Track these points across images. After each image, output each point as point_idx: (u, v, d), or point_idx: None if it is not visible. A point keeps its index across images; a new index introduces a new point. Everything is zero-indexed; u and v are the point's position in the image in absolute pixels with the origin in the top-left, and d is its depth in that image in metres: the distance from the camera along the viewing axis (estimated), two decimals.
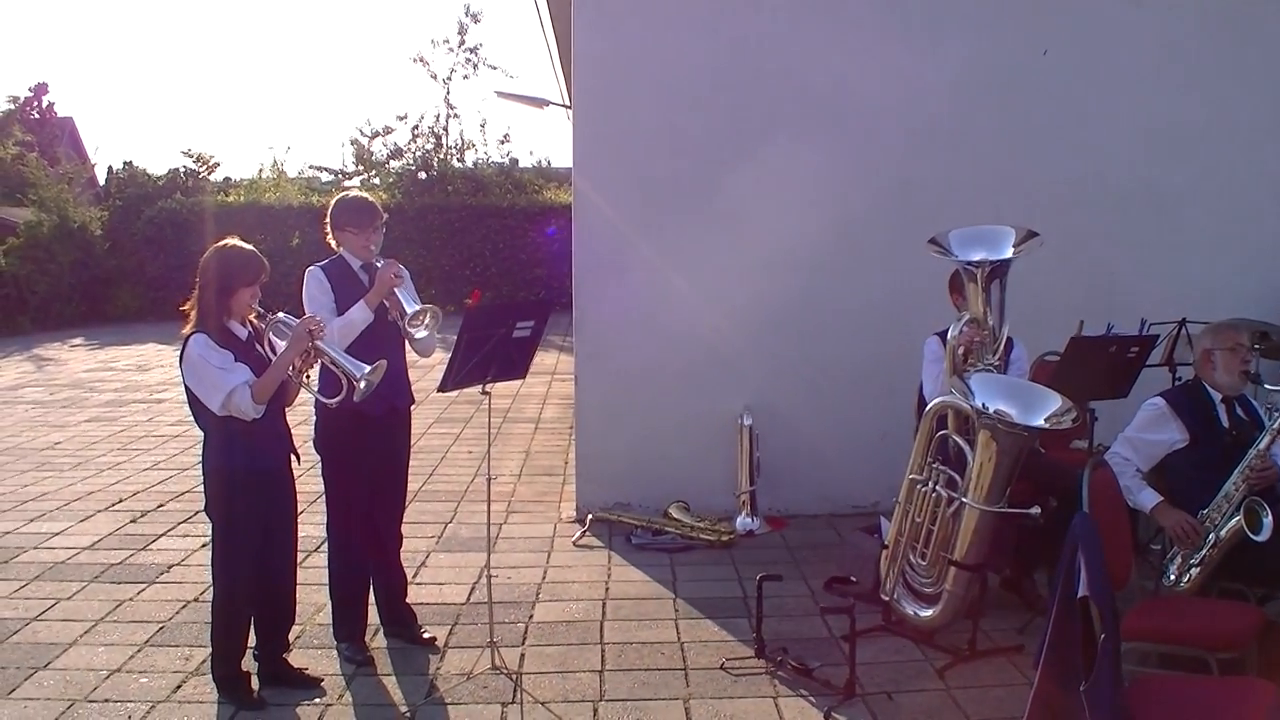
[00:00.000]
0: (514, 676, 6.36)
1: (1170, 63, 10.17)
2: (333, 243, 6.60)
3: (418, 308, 6.33)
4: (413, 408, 6.83)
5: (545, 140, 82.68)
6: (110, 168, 33.49)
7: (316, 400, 6.24)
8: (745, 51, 9.49)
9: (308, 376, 5.98)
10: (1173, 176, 10.20)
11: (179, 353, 5.89)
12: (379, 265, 6.43)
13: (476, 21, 33.01)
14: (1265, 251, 10.47)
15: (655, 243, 9.41)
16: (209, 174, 32.62)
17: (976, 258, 6.97)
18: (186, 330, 5.85)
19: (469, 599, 7.61)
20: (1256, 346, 8.37)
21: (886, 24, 9.64)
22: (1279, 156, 10.49)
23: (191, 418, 5.99)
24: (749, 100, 9.50)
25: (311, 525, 7.48)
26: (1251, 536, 5.86)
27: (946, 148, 9.73)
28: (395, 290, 6.35)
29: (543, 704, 6.02)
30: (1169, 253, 10.15)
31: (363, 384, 5.79)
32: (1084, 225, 9.86)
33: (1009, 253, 6.97)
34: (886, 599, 6.92)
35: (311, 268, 6.49)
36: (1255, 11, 10.37)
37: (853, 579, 7.65)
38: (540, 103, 21.85)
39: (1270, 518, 5.85)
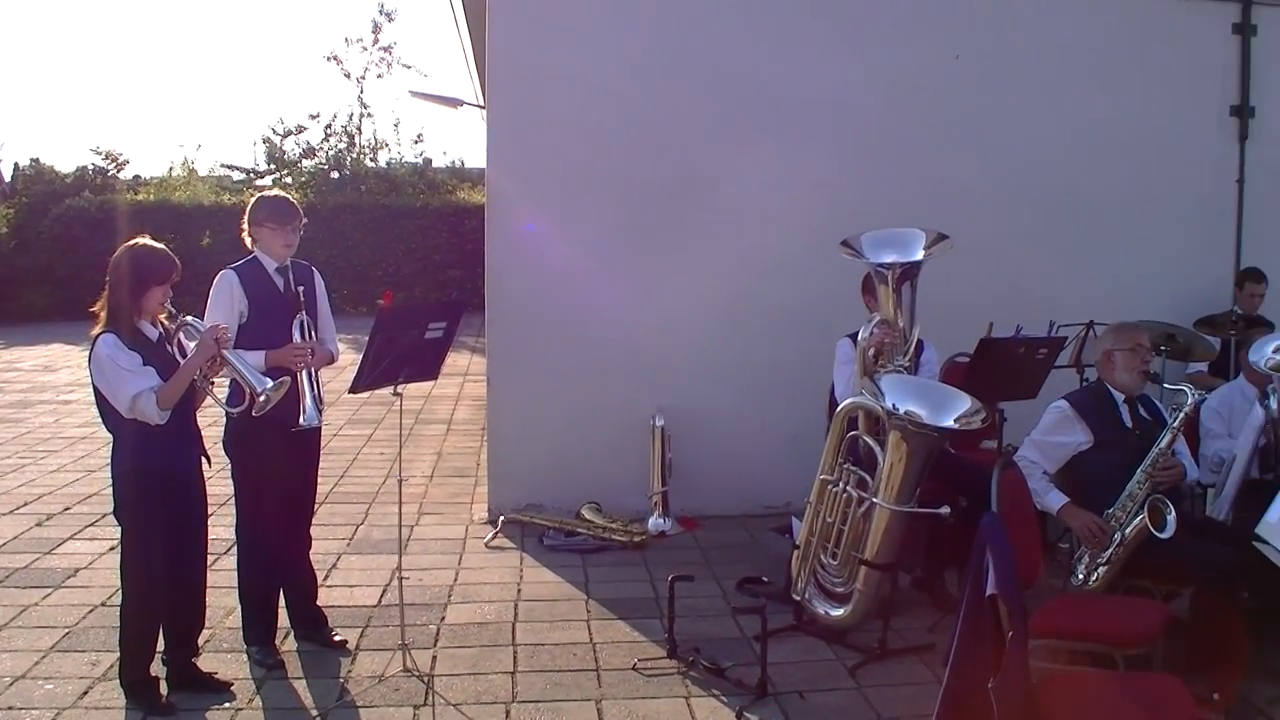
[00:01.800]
0: (426, 678, 6.34)
1: (1087, 68, 10.35)
2: (248, 241, 6.55)
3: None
4: (322, 412, 6.79)
5: (459, 140, 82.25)
6: (16, 164, 32.89)
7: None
8: (667, 54, 9.52)
9: (213, 383, 5.93)
10: (1086, 180, 10.37)
11: (88, 353, 5.82)
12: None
13: (391, 20, 32.85)
14: (1175, 254, 10.66)
15: (570, 243, 9.39)
16: (118, 172, 32.05)
17: (888, 260, 7.06)
18: (96, 330, 5.79)
19: (380, 601, 7.58)
20: (1163, 348, 8.54)
21: (810, 28, 9.71)
22: (1189, 160, 10.70)
23: (100, 419, 5.91)
24: (670, 103, 9.53)
25: (221, 528, 7.39)
26: (1156, 534, 5.96)
27: (864, 151, 9.83)
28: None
29: (455, 706, 6.01)
30: (1080, 255, 10.32)
31: (263, 398, 5.76)
32: (998, 228, 10.00)
33: (920, 255, 7.06)
34: (798, 599, 6.96)
35: (225, 270, 6.44)
36: (1169, 17, 10.59)
37: (765, 579, 7.68)
38: (454, 103, 21.73)
39: (1174, 515, 5.96)
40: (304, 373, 6.33)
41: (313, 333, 6.50)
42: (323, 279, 6.80)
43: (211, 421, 6.51)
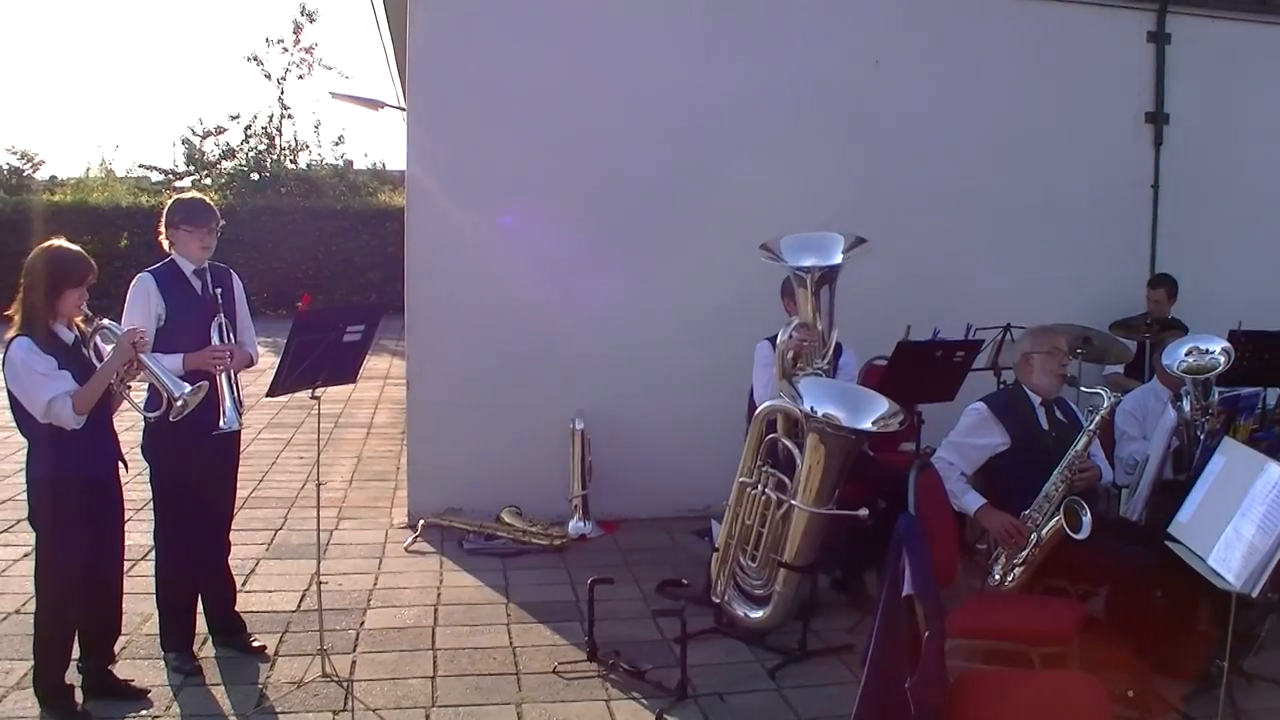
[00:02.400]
0: (345, 684, 6.29)
1: (1004, 73, 10.50)
2: (166, 244, 6.49)
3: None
4: (242, 415, 6.74)
5: (380, 142, 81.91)
6: None
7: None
8: (583, 57, 9.52)
9: (129, 388, 5.86)
10: (1004, 185, 10.50)
11: (1, 357, 5.74)
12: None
13: (312, 21, 32.55)
14: (1091, 258, 10.81)
15: (489, 246, 9.37)
16: (34, 172, 31.77)
17: (806, 263, 7.10)
18: (10, 334, 5.71)
19: (299, 606, 7.52)
20: (1079, 351, 8.61)
21: (728, 32, 9.76)
22: (1105, 166, 10.87)
23: (14, 424, 5.83)
24: (588, 106, 9.54)
25: (139, 534, 7.33)
26: (1072, 535, 6.02)
27: (782, 155, 9.86)
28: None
29: (374, 711, 5.97)
30: (998, 259, 10.45)
31: (180, 403, 5.71)
32: (914, 232, 10.10)
33: (838, 259, 7.11)
34: (718, 601, 6.97)
35: (142, 274, 6.38)
36: (1086, 24, 10.76)
37: (684, 581, 7.73)
38: (376, 104, 21.64)
39: (1089, 516, 6.02)
40: (223, 376, 6.28)
41: (231, 335, 6.45)
42: (242, 282, 6.75)
43: (129, 426, 6.46)
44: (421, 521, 9.22)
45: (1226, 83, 11.34)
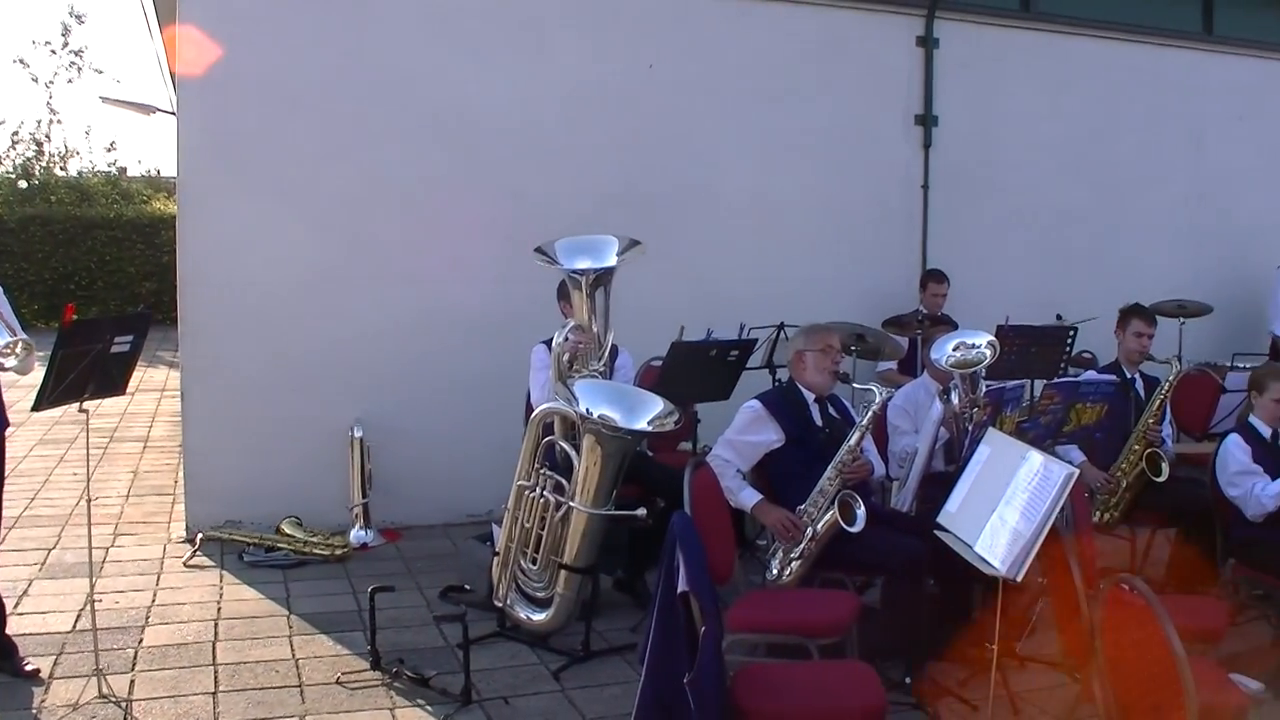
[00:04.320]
0: (123, 704, 6.12)
1: (776, 77, 10.65)
2: None
3: (7, 339, 6.02)
4: (9, 431, 6.55)
5: (154, 149, 79.91)
6: None
7: None
8: (358, 61, 9.40)
9: None
10: (776, 186, 10.67)
11: None
12: None
13: (81, 23, 31.74)
14: (864, 257, 11.05)
15: (264, 253, 9.20)
16: None
17: (581, 266, 7.12)
18: None
19: (74, 626, 7.27)
20: (853, 349, 8.79)
21: (498, 38, 9.73)
22: (877, 167, 11.13)
23: None
24: (361, 110, 9.41)
25: None
26: (846, 528, 6.15)
27: (557, 159, 9.89)
28: None
29: None
30: (771, 259, 10.60)
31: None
32: (688, 233, 10.21)
33: (612, 261, 7.14)
34: (500, 605, 6.96)
35: None
36: (855, 29, 11.00)
37: (467, 587, 7.71)
38: (148, 109, 21.15)
39: (863, 510, 6.17)
40: None
41: None
42: (9, 293, 6.54)
43: None
44: (200, 535, 9.01)
45: (992, 85, 11.71)
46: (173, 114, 9.39)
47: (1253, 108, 12.99)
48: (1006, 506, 4.89)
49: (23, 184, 29.35)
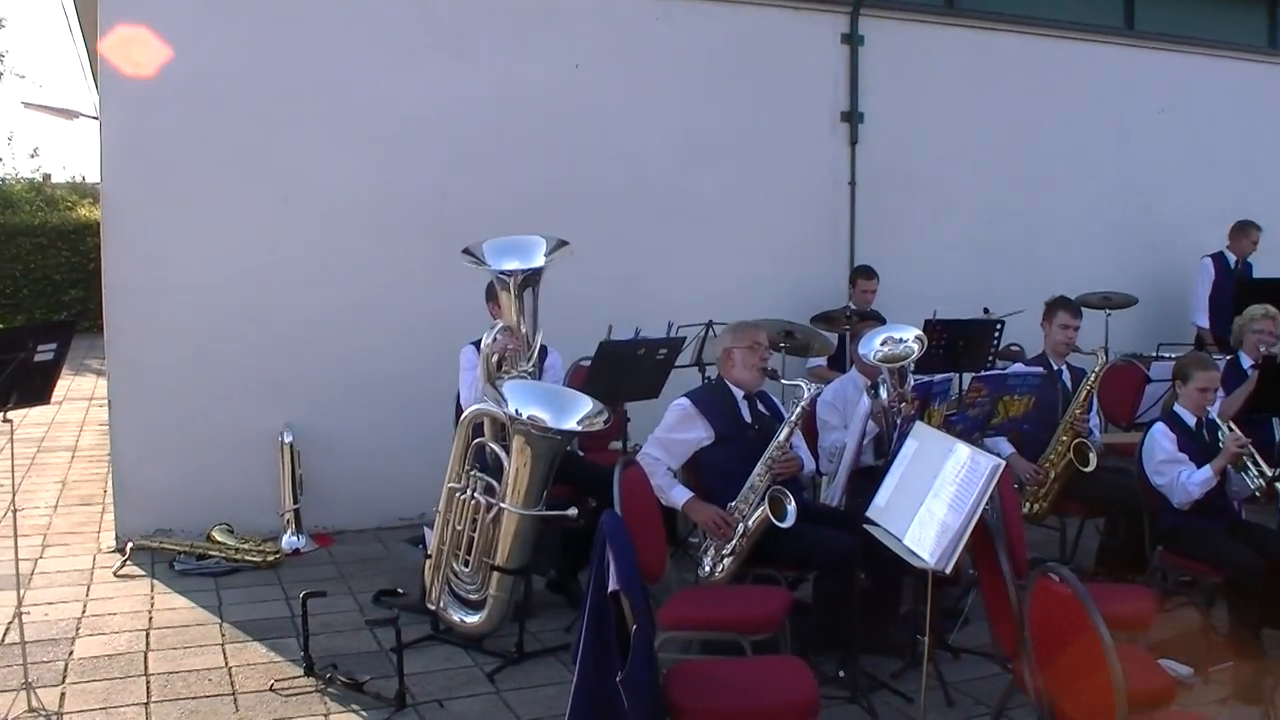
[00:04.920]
0: (54, 717, 6.06)
1: (697, 75, 10.68)
2: None
3: None
4: None
5: (79, 154, 79.02)
6: None
7: None
8: (283, 64, 9.33)
9: None
10: (703, 184, 10.69)
11: None
12: None
13: (1, 27, 31.46)
14: (792, 254, 11.10)
15: (190, 258, 9.12)
16: None
17: (509, 267, 7.10)
18: None
19: (2, 639, 7.21)
20: (782, 345, 8.82)
21: (424, 39, 9.70)
22: (803, 164, 11.19)
23: None
24: (286, 113, 9.34)
25: None
26: (777, 524, 6.16)
27: (485, 160, 9.86)
28: None
29: None
30: (699, 257, 10.63)
31: None
32: (616, 233, 10.22)
33: (540, 261, 7.14)
34: (433, 608, 6.94)
35: None
36: (781, 26, 11.04)
37: (400, 590, 7.68)
38: (70, 114, 20.96)
39: (794, 505, 6.17)
40: None
41: None
42: None
43: None
44: (130, 544, 8.90)
45: (917, 82, 11.80)
46: (96, 119, 9.29)
47: (1175, 101, 13.17)
48: (934, 499, 4.92)
49: None
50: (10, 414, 6.12)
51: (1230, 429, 6.67)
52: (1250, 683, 6.15)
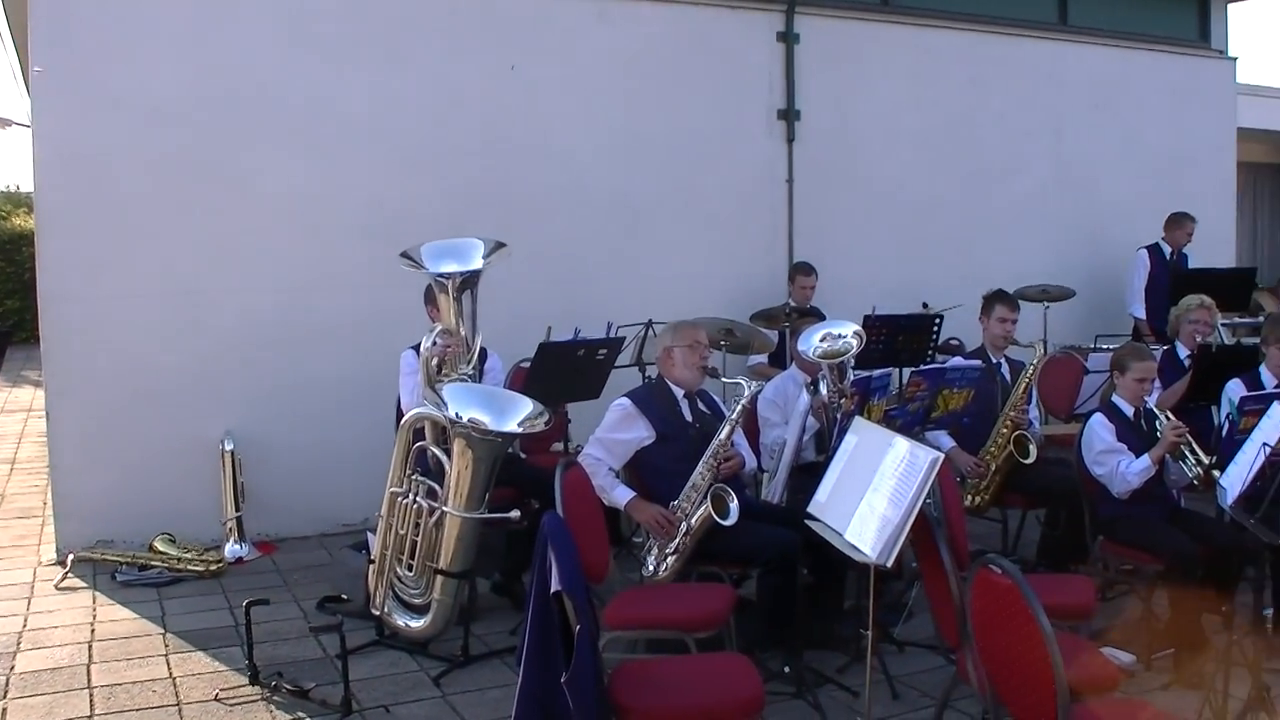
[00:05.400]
0: None
1: (635, 75, 10.70)
2: None
3: None
4: None
5: (12, 163, 78.14)
6: None
7: None
8: (218, 70, 9.25)
9: None
10: (641, 184, 10.71)
11: None
12: None
13: None
14: (731, 252, 11.14)
15: (126, 267, 9.04)
16: None
17: (447, 270, 7.08)
18: None
19: None
20: (722, 343, 8.85)
21: (358, 42, 9.66)
22: (741, 162, 11.25)
23: None
24: (222, 119, 9.26)
25: None
26: (720, 522, 6.19)
27: (421, 163, 9.85)
28: None
29: None
30: (637, 257, 10.66)
31: None
32: (554, 234, 10.22)
33: (478, 264, 7.12)
34: (378, 613, 6.92)
35: None
36: (717, 25, 11.09)
37: (344, 596, 7.66)
38: (3, 122, 20.80)
39: (736, 503, 6.21)
40: None
41: None
42: None
43: None
44: (71, 556, 8.83)
45: (853, 79, 11.89)
46: (29, 127, 9.20)
47: (1108, 96, 13.33)
48: (874, 494, 4.94)
49: None
50: None
51: (1168, 418, 6.72)
52: (1192, 668, 6.21)
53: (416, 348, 7.28)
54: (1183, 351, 8.59)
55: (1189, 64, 14.07)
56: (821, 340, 7.12)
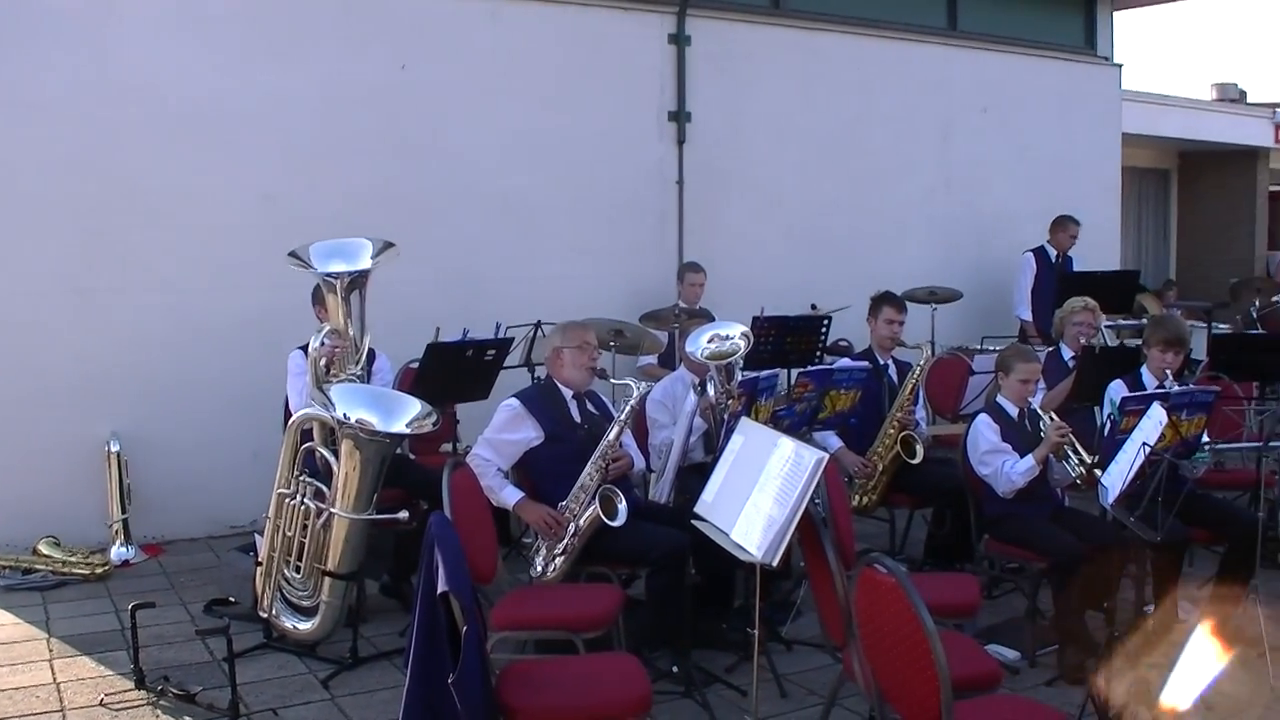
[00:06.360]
0: None
1: (526, 75, 10.70)
2: None
3: None
4: None
5: None
6: None
7: None
8: (106, 65, 9.12)
9: None
10: (530, 185, 10.70)
11: None
12: None
13: None
14: (621, 253, 11.15)
15: (9, 266, 8.88)
16: None
17: (335, 269, 7.04)
18: None
19: None
20: (611, 344, 8.87)
21: (250, 40, 9.57)
22: (631, 164, 11.28)
23: None
24: (107, 114, 9.13)
25: None
26: (609, 523, 6.21)
27: (312, 161, 9.77)
28: None
29: None
30: (526, 258, 10.65)
31: None
32: (443, 234, 10.20)
33: (367, 263, 7.09)
34: (266, 615, 6.88)
35: None
36: (608, 27, 11.12)
37: (232, 599, 7.60)
38: None
39: (625, 504, 6.24)
40: None
41: None
42: None
43: None
44: None
45: (744, 82, 11.96)
46: None
47: (995, 100, 13.54)
48: (760, 494, 4.98)
49: None
50: None
51: (1051, 419, 6.82)
52: (1075, 664, 6.32)
53: (304, 348, 7.22)
54: (1067, 353, 8.72)
55: (1075, 70, 14.32)
56: (709, 341, 7.17)
